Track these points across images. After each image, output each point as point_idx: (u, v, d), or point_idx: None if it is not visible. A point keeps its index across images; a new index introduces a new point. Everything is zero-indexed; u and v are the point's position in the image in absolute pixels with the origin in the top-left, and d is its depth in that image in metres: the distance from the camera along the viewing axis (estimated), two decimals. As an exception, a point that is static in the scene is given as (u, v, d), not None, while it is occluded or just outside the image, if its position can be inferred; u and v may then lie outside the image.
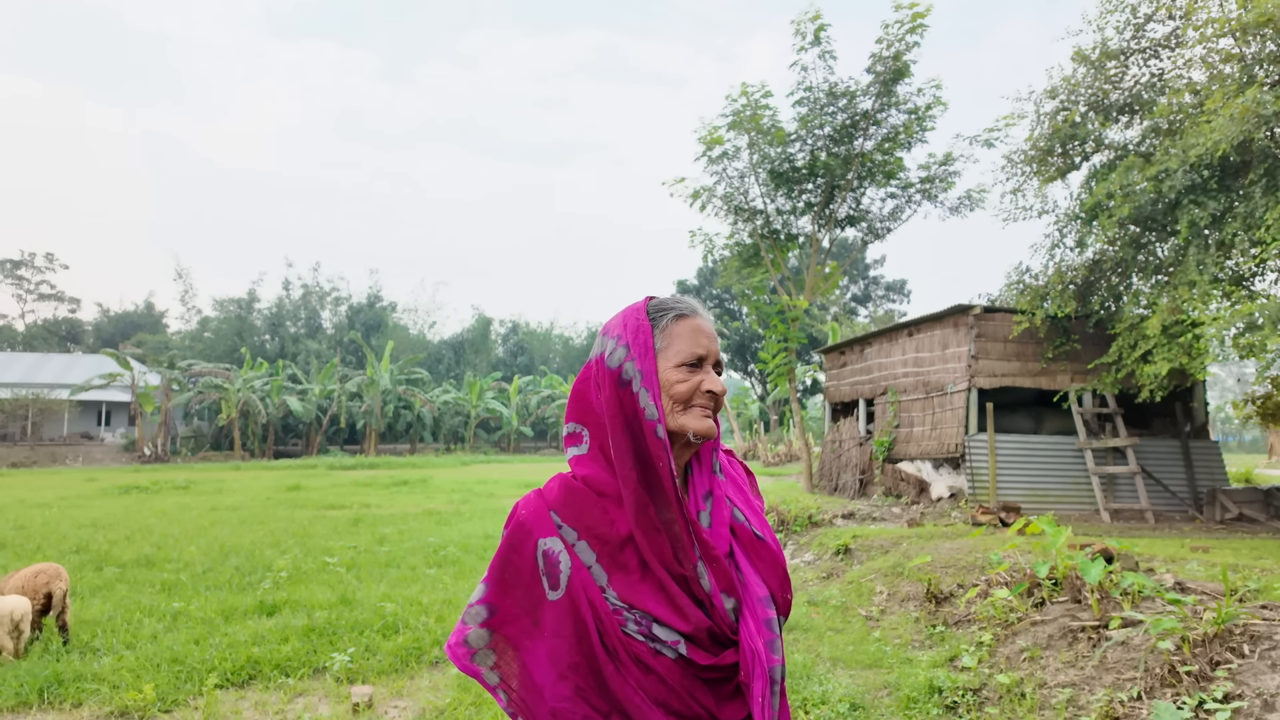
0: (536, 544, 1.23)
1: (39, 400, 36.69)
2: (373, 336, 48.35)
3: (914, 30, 14.74)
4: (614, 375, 1.25)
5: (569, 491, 1.26)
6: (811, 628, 6.16)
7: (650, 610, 1.20)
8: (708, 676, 1.21)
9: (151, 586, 7.34)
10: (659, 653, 1.19)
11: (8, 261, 60.20)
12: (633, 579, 1.21)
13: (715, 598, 1.21)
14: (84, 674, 4.74)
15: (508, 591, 1.23)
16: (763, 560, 1.29)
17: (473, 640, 1.24)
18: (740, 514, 1.31)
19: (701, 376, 1.27)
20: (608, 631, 1.19)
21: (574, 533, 1.23)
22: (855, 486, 15.49)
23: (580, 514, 1.24)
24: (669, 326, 1.29)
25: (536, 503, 1.26)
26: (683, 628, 1.19)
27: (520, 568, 1.23)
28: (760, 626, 1.23)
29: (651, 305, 1.32)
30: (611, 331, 1.30)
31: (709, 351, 1.29)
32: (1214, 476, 12.76)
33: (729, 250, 18.31)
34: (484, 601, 1.24)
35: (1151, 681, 3.84)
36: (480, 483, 21.17)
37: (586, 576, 1.21)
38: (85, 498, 16.77)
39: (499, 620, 1.23)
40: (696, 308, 1.33)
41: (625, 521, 1.22)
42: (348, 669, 4.95)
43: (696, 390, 1.26)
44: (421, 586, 7.28)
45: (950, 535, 8.60)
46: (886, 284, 53.20)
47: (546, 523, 1.24)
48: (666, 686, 1.19)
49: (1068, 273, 12.00)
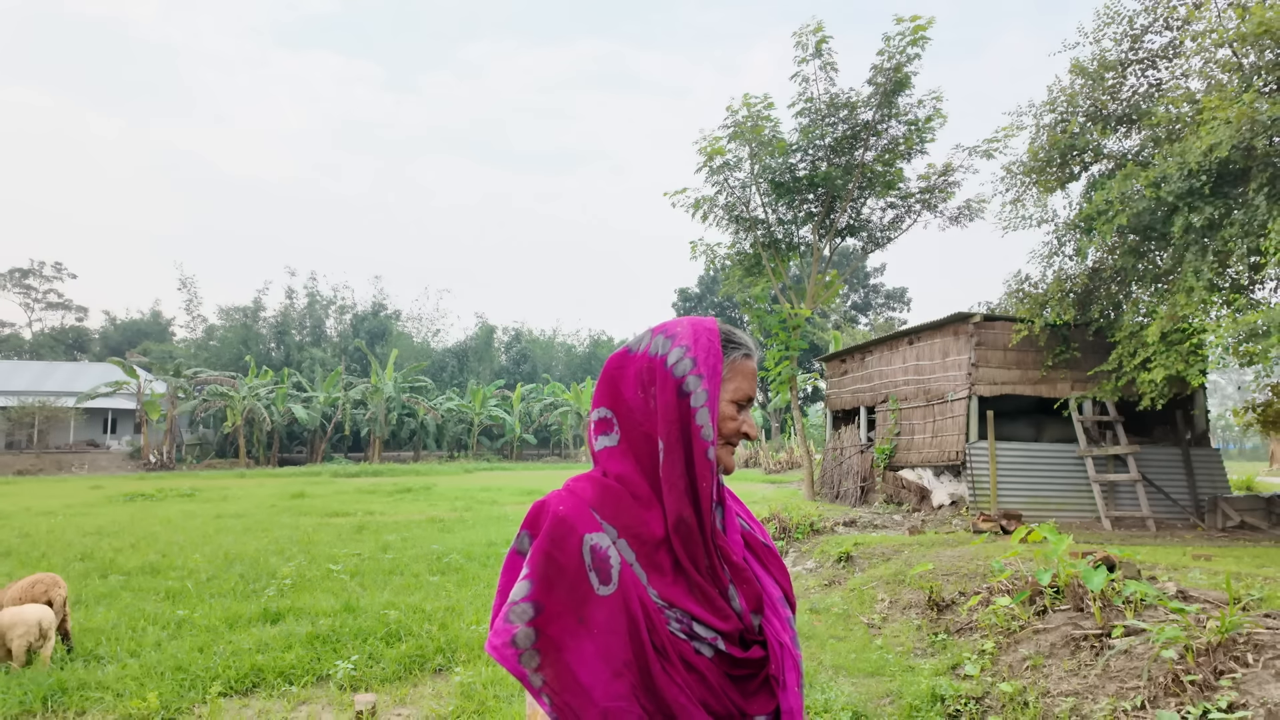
0: (582, 539, 1.20)
1: (45, 408, 36.79)
2: (377, 344, 48.47)
3: (915, 43, 14.82)
4: (677, 383, 1.24)
5: (605, 490, 1.25)
6: (813, 635, 6.17)
7: (690, 609, 1.21)
8: (736, 674, 1.24)
9: (156, 594, 7.37)
10: (699, 651, 1.21)
11: (16, 270, 60.51)
12: (667, 579, 1.22)
13: (745, 617, 1.26)
14: (88, 682, 4.77)
15: (552, 588, 1.18)
16: (774, 565, 1.37)
17: (520, 640, 1.18)
18: (744, 523, 1.39)
19: (745, 418, 1.32)
20: (657, 628, 1.18)
21: (615, 530, 1.22)
22: (856, 494, 15.48)
23: (619, 512, 1.23)
24: (736, 361, 1.31)
25: (572, 499, 1.24)
26: (723, 627, 1.22)
27: (564, 564, 1.19)
28: (784, 624, 1.31)
29: (723, 331, 1.33)
30: (678, 339, 1.28)
31: (751, 394, 1.35)
32: (1215, 484, 12.74)
33: (730, 259, 18.36)
34: (529, 599, 1.19)
35: (1155, 691, 3.85)
36: (484, 490, 21.18)
37: (633, 574, 1.20)
38: (90, 505, 16.81)
39: (545, 618, 1.18)
40: (754, 349, 1.37)
41: (659, 523, 1.23)
42: (351, 677, 4.97)
43: (739, 429, 1.31)
44: (425, 594, 7.30)
45: (952, 543, 8.59)
46: (887, 292, 53.23)
47: (589, 518, 1.22)
48: (706, 685, 1.20)
49: (1067, 281, 12.03)
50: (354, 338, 48.81)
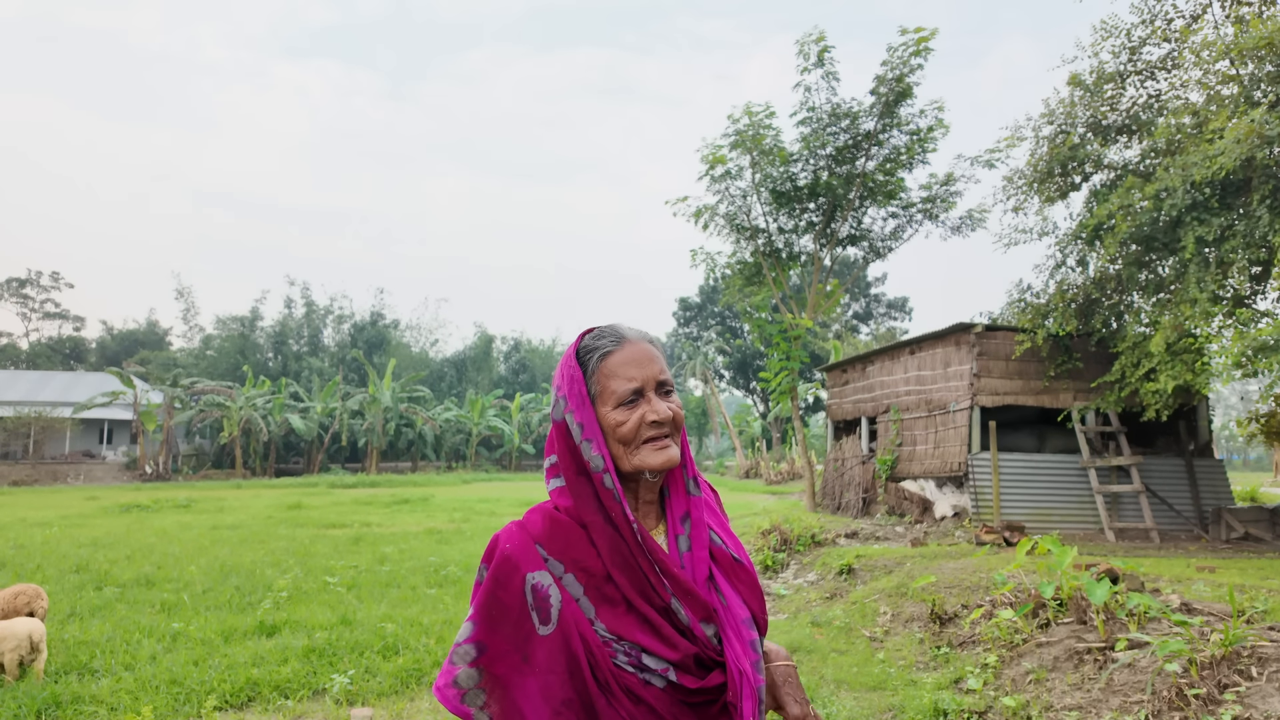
0: (524, 579, 1.20)
1: (41, 418, 36.69)
2: (375, 354, 48.42)
3: (918, 53, 14.89)
4: (561, 428, 1.26)
5: (553, 524, 1.24)
6: (815, 649, 6.11)
7: (638, 641, 1.19)
8: (694, 701, 1.21)
9: (151, 606, 7.30)
10: (648, 683, 1.19)
11: (13, 280, 60.51)
12: (619, 610, 1.21)
13: (695, 628, 1.22)
14: (82, 695, 4.71)
15: (496, 628, 1.20)
16: (742, 583, 1.30)
17: (462, 680, 1.20)
18: (717, 537, 1.32)
19: (643, 409, 1.24)
20: (599, 664, 1.17)
21: (561, 566, 1.22)
22: (858, 505, 15.42)
23: (566, 546, 1.22)
24: (597, 369, 1.26)
25: (520, 535, 1.24)
26: (671, 656, 1.19)
27: (508, 604, 1.20)
28: (745, 648, 1.24)
29: (581, 347, 1.30)
30: (555, 382, 1.30)
31: (644, 380, 1.25)
32: (1219, 495, 12.69)
33: (731, 268, 18.37)
34: (472, 640, 1.21)
35: (1159, 704, 3.80)
36: (482, 501, 21.10)
37: (576, 610, 1.20)
38: (86, 516, 16.73)
39: (488, 659, 1.20)
40: (623, 336, 1.29)
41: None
42: (347, 691, 4.92)
43: (641, 425, 1.23)
44: (422, 607, 7.24)
45: (954, 555, 8.54)
46: (888, 302, 53.26)
47: (533, 556, 1.22)
48: (656, 716, 1.18)
49: (1069, 291, 12.01)
50: (352, 347, 48.77)
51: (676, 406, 1.27)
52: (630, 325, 1.33)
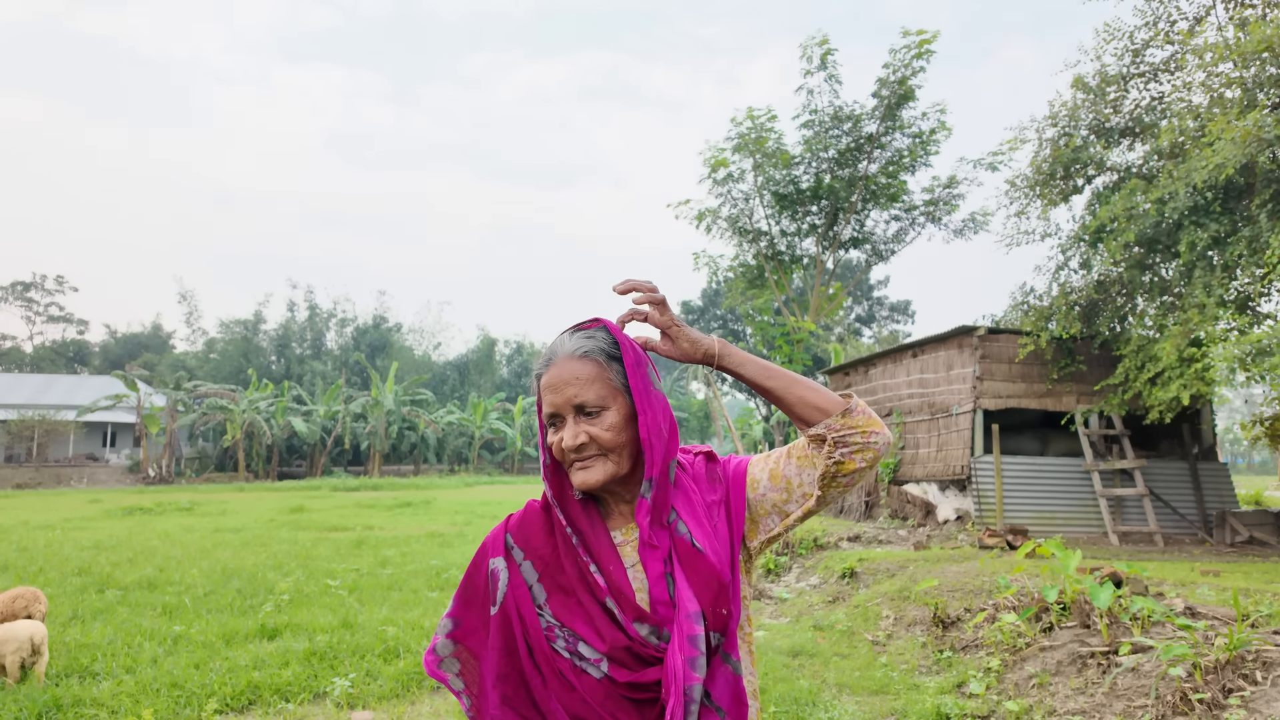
0: (488, 563, 1.35)
1: (45, 421, 36.80)
2: (377, 357, 48.48)
3: (920, 56, 14.89)
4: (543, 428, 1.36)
5: (526, 514, 1.38)
6: (817, 653, 6.10)
7: (576, 630, 1.25)
8: (635, 697, 1.22)
9: (153, 609, 7.30)
10: (584, 671, 1.23)
11: (18, 284, 60.76)
12: (570, 601, 1.27)
13: (628, 627, 1.23)
14: (83, 699, 4.70)
15: (469, 607, 1.36)
16: (698, 574, 1.24)
17: (440, 649, 1.37)
18: (683, 526, 1.28)
19: (561, 434, 1.27)
20: (535, 646, 1.27)
21: (521, 553, 1.33)
22: (861, 508, 15.39)
23: (529, 536, 1.34)
24: (537, 388, 1.33)
25: (500, 526, 1.38)
26: (600, 647, 1.23)
27: (478, 585, 1.36)
28: (684, 643, 1.20)
29: (538, 362, 1.35)
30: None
31: (558, 406, 1.27)
32: (1223, 499, 12.64)
33: (733, 272, 18.38)
34: (450, 615, 1.38)
35: (1163, 709, 3.78)
36: (484, 504, 21.09)
37: (524, 594, 1.30)
38: (89, 519, 16.76)
39: (461, 632, 1.36)
40: (553, 355, 1.30)
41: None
42: (349, 694, 4.91)
43: (560, 448, 1.28)
44: (424, 610, 7.23)
45: (957, 558, 8.52)
46: (890, 305, 53.19)
47: (499, 544, 1.36)
48: (586, 704, 1.22)
49: (1072, 294, 11.99)
50: (354, 350, 48.85)
51: (601, 428, 1.25)
52: (573, 335, 1.31)
